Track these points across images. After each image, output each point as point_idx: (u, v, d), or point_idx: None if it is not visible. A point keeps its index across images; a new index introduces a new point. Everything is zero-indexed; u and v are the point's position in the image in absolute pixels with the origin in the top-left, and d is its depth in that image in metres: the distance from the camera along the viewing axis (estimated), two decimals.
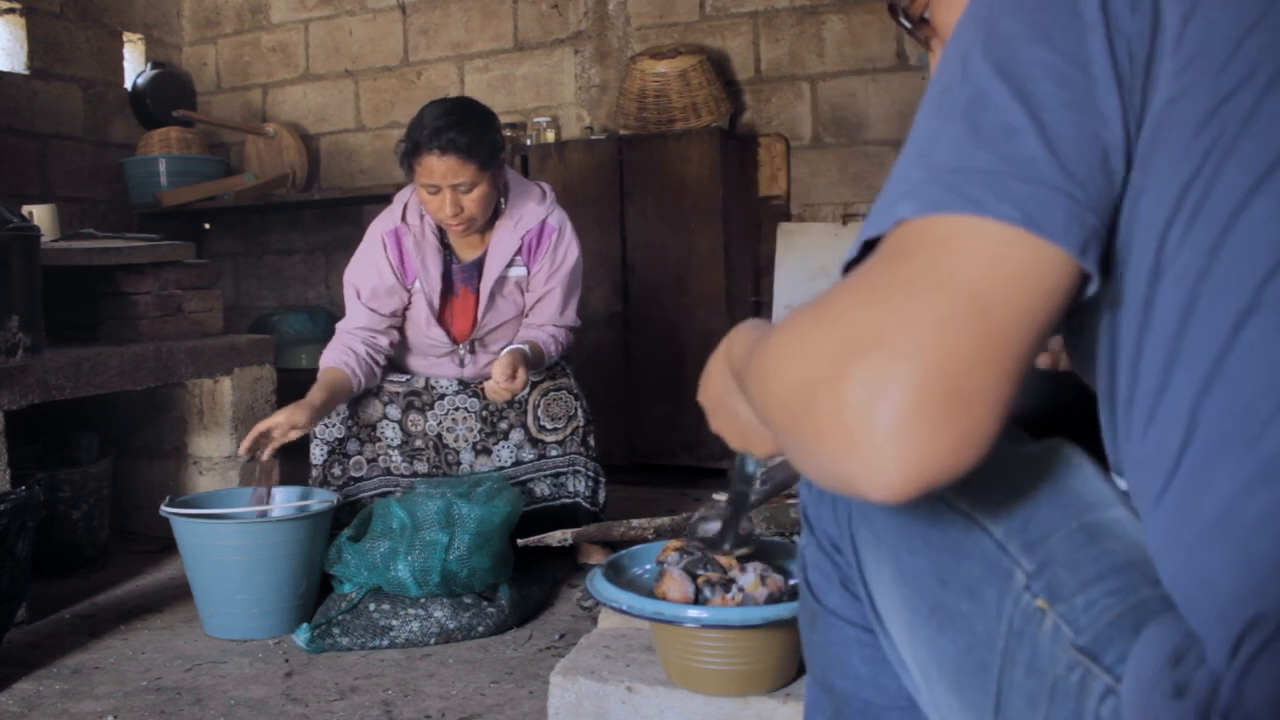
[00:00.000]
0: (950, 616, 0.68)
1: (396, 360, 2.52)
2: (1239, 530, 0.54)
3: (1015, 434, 0.73)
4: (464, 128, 2.19)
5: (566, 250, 2.43)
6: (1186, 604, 0.57)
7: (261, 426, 2.16)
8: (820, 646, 0.86)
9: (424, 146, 2.20)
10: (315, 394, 2.25)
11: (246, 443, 2.15)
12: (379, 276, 2.38)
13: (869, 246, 0.60)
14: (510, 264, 2.41)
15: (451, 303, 2.45)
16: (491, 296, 2.41)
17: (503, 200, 2.39)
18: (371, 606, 2.03)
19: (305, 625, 2.01)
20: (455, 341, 2.47)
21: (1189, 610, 0.57)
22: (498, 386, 2.23)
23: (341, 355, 2.34)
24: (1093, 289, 0.58)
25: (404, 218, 2.39)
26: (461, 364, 2.50)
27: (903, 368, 0.52)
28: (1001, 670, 0.64)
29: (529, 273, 2.43)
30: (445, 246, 2.43)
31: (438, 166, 2.20)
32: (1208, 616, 0.55)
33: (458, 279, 2.44)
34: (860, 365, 0.54)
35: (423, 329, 2.44)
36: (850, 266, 0.61)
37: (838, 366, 0.55)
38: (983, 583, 0.66)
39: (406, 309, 2.44)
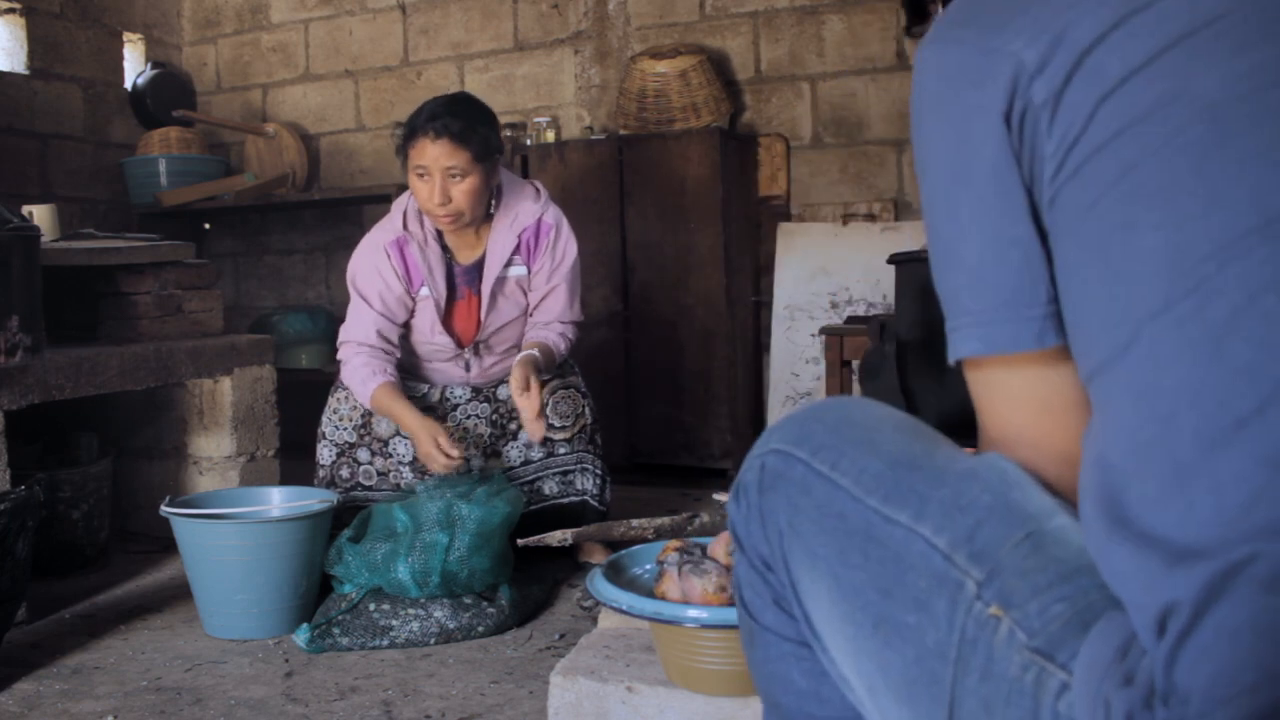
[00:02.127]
0: (896, 629, 0.69)
1: (405, 365, 2.51)
2: (1143, 528, 0.58)
3: (952, 449, 0.77)
4: (460, 115, 2.22)
5: (565, 246, 2.43)
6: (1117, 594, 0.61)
7: (446, 458, 2.21)
8: (760, 664, 0.86)
9: (419, 130, 2.22)
10: (410, 410, 2.27)
11: (449, 463, 2.21)
12: (386, 286, 2.36)
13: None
14: (509, 264, 2.40)
15: (455, 306, 2.45)
16: (493, 297, 2.41)
17: (494, 202, 2.38)
18: (371, 606, 2.03)
19: (305, 625, 2.01)
20: (460, 345, 2.47)
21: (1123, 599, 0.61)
22: (534, 426, 2.25)
23: (384, 371, 2.33)
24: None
25: (405, 225, 2.38)
26: (467, 368, 2.50)
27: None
28: (955, 678, 0.65)
29: (529, 272, 2.43)
30: (445, 250, 2.42)
31: (430, 150, 2.21)
32: (1129, 605, 0.59)
33: (459, 282, 2.44)
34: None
35: (427, 335, 2.43)
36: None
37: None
38: (931, 594, 0.67)
39: (410, 318, 2.44)
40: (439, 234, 2.39)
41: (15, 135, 3.70)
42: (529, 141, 3.63)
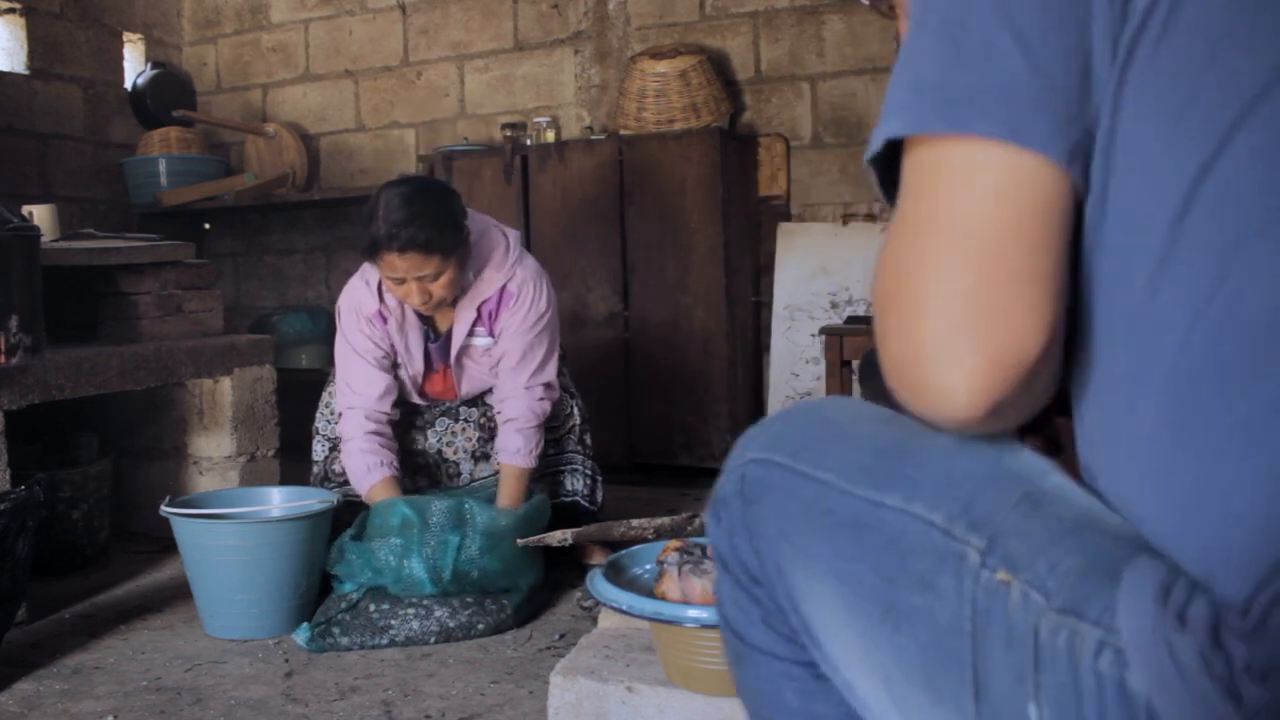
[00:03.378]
0: (905, 614, 0.66)
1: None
2: (1265, 460, 0.55)
3: (933, 430, 0.72)
4: (423, 221, 2.09)
5: (528, 310, 2.32)
6: (1194, 534, 0.58)
7: None
8: (750, 682, 0.83)
9: (382, 245, 2.10)
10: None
11: None
12: (378, 348, 2.33)
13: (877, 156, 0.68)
14: (471, 334, 2.34)
15: (432, 378, 2.43)
16: (460, 364, 2.37)
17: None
18: (371, 607, 2.03)
19: (305, 625, 2.01)
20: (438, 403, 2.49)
21: (1192, 541, 0.57)
22: None
23: (389, 464, 2.24)
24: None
25: (381, 298, 2.31)
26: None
27: (923, 316, 0.62)
28: (975, 652, 0.62)
29: (494, 337, 2.36)
30: (423, 320, 2.37)
31: (399, 263, 2.12)
32: (1225, 548, 0.56)
33: (436, 357, 2.40)
34: (894, 323, 0.64)
35: (408, 393, 2.42)
36: (872, 163, 0.68)
37: (881, 322, 0.65)
38: (934, 571, 0.64)
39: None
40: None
41: (15, 135, 3.70)
42: (529, 141, 3.63)
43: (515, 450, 2.28)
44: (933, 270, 0.62)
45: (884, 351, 0.65)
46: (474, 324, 2.33)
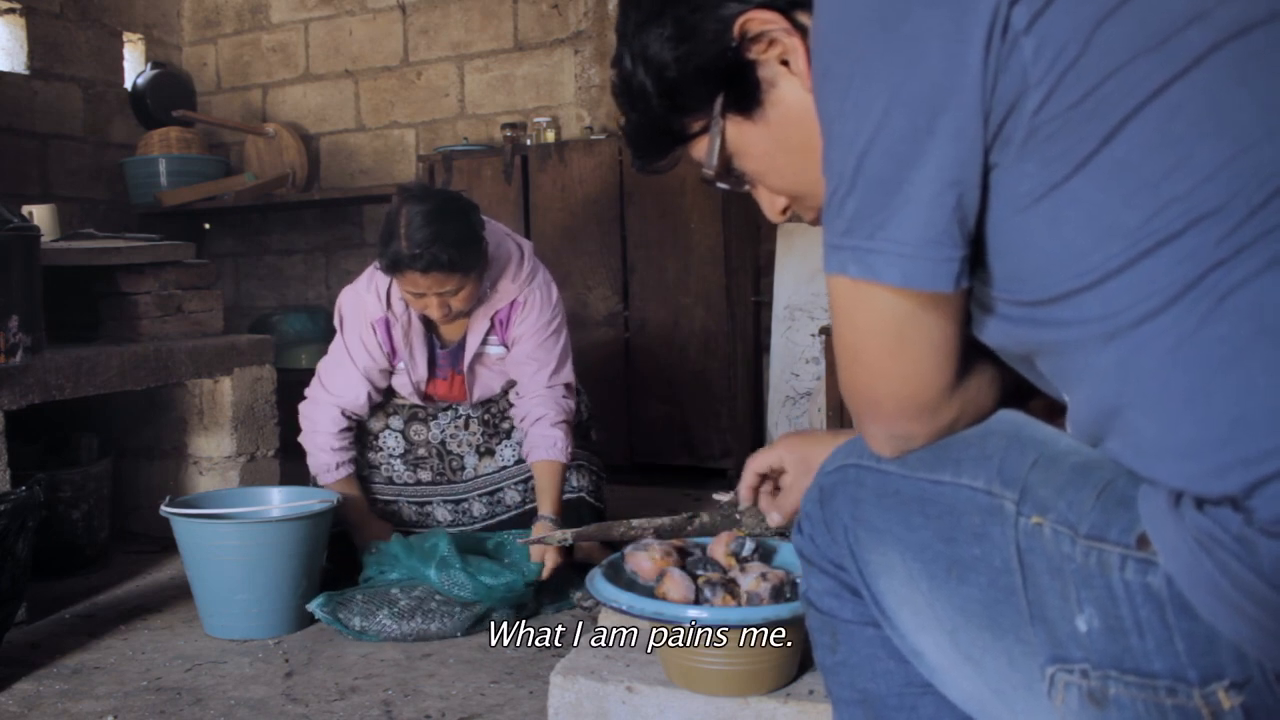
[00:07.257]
0: (967, 565, 0.78)
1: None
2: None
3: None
4: (446, 240, 2.09)
5: (538, 316, 2.34)
6: (1200, 440, 0.66)
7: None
8: (846, 660, 0.92)
9: (404, 265, 2.11)
10: (360, 509, 2.36)
11: None
12: (371, 359, 2.34)
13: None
14: (484, 342, 2.37)
15: (436, 383, 2.44)
16: (473, 371, 2.40)
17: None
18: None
19: (323, 595, 2.07)
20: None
21: (1202, 447, 0.66)
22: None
23: (349, 463, 2.38)
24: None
25: (389, 304, 2.32)
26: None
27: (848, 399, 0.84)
28: (1025, 583, 0.74)
29: (507, 348, 2.39)
30: (428, 326, 2.38)
31: (422, 281, 2.13)
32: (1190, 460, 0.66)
33: (442, 363, 2.41)
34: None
35: (409, 395, 2.45)
36: None
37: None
38: (985, 525, 0.77)
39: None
40: (423, 316, 2.34)
41: (15, 135, 3.70)
42: (529, 141, 3.63)
43: (551, 444, 2.28)
44: (842, 374, 0.84)
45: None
46: (487, 333, 2.36)
